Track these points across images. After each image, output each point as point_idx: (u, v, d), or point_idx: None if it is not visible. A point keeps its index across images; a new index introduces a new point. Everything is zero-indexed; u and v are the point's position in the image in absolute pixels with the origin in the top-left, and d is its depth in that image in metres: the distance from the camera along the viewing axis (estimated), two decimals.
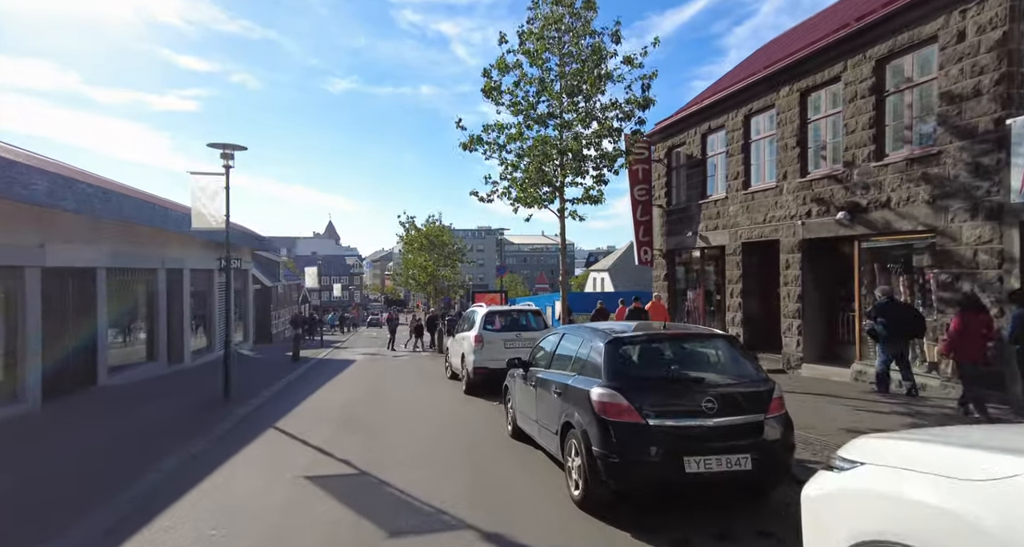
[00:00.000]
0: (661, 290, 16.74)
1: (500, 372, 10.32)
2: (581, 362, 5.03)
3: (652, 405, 4.27)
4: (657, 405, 4.28)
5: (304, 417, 8.92)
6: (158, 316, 14.60)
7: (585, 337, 5.22)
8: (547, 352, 6.12)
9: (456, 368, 12.20)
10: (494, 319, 10.97)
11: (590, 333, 5.19)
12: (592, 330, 5.28)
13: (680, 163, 15.93)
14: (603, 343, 4.72)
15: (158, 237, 14.30)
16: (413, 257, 25.62)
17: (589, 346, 5.00)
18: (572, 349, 5.43)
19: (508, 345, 10.49)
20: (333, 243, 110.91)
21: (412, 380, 13.33)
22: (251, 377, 13.75)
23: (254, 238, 22.46)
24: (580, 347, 5.20)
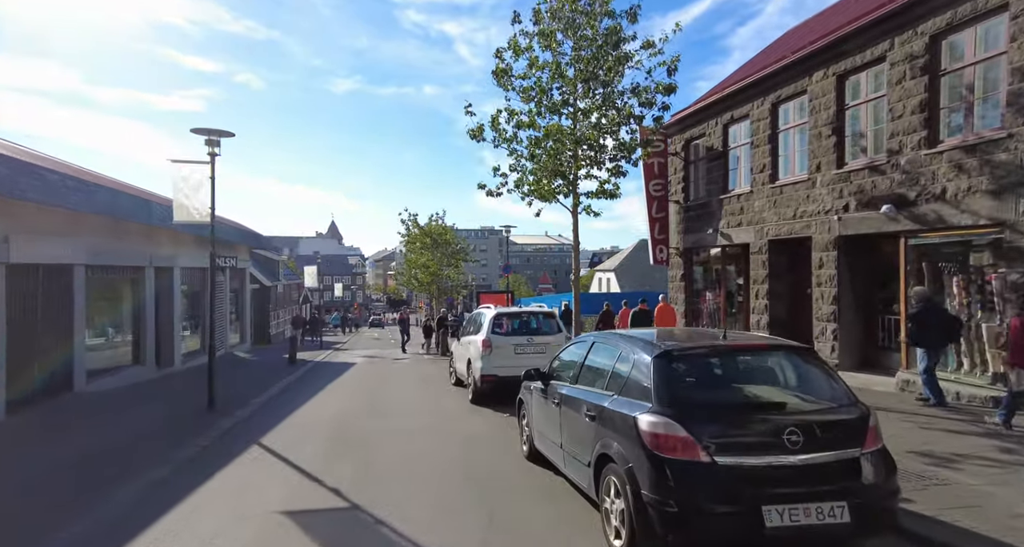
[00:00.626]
0: (677, 291, 15.77)
1: (510, 380, 9.42)
2: (620, 379, 4.08)
3: (718, 438, 3.32)
4: (725, 438, 3.33)
5: (293, 431, 7.98)
6: (145, 317, 13.69)
7: (623, 348, 4.26)
8: (572, 364, 5.17)
9: (461, 374, 11.27)
10: (503, 322, 10.03)
11: (629, 343, 4.24)
12: (630, 339, 4.32)
13: (699, 156, 14.97)
14: (651, 357, 3.77)
15: (145, 233, 13.40)
16: (415, 256, 24.67)
17: (630, 360, 4.04)
18: (606, 362, 4.48)
19: (519, 350, 9.55)
20: (336, 243, 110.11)
21: (414, 386, 12.39)
22: (243, 382, 12.84)
23: (251, 235, 21.57)
24: (618, 361, 4.24)
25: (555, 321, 10.08)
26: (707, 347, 3.95)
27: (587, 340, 5.08)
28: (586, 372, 4.78)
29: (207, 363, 17.38)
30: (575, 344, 5.42)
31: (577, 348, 5.26)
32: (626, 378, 3.98)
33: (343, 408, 9.72)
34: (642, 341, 4.14)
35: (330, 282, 68.43)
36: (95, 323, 11.95)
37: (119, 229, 12.13)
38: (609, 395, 4.07)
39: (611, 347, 4.50)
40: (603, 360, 4.57)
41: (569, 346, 5.55)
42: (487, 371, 9.42)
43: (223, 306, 20.15)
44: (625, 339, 4.39)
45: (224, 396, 10.36)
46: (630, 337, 4.39)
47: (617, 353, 4.30)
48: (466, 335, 11.13)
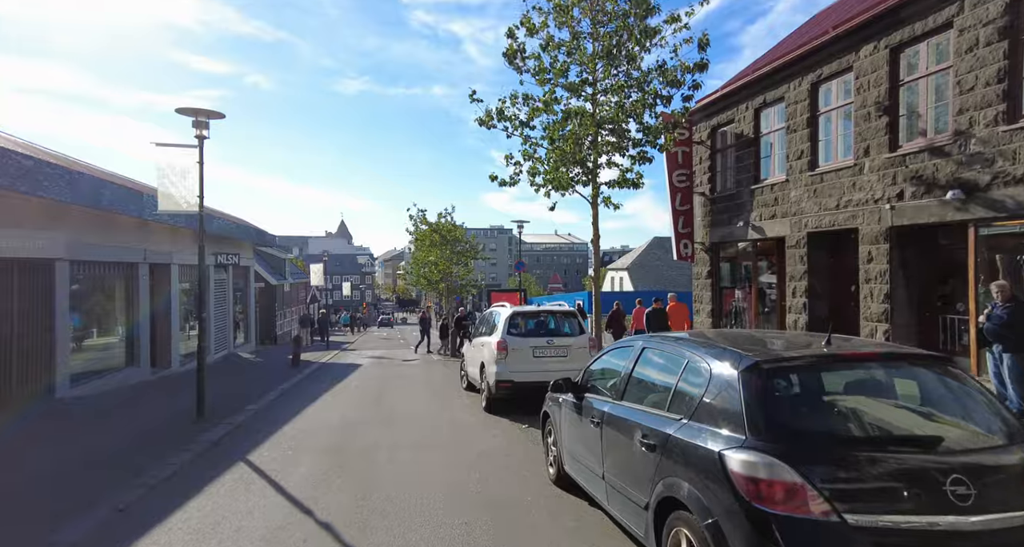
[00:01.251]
0: (703, 289, 14.73)
1: (528, 387, 8.46)
2: (689, 398, 3.11)
3: (846, 485, 2.35)
4: (855, 484, 2.36)
5: (287, 445, 7.08)
6: (139, 317, 12.87)
7: (690, 356, 3.29)
8: (614, 374, 4.21)
9: (473, 378, 10.33)
10: (520, 322, 9.07)
11: (699, 351, 3.26)
12: (700, 345, 3.35)
13: (727, 144, 13.92)
14: (737, 370, 2.80)
15: (139, 228, 12.59)
16: (423, 253, 23.77)
17: (703, 373, 3.07)
18: (666, 374, 3.52)
19: (538, 354, 8.59)
20: (345, 242, 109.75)
21: (423, 391, 11.47)
22: (240, 386, 11.99)
23: (255, 232, 20.78)
24: (684, 373, 3.27)
25: (577, 321, 9.11)
26: (813, 357, 2.94)
27: (634, 345, 4.10)
28: (636, 386, 3.81)
29: (210, 364, 16.62)
30: (617, 350, 4.45)
31: (620, 355, 4.30)
32: (699, 397, 3.01)
33: (344, 417, 8.81)
34: (718, 348, 3.16)
35: (339, 281, 67.86)
36: (83, 323, 11.15)
37: (109, 222, 11.32)
38: (675, 419, 3.10)
39: (672, 355, 3.52)
40: (660, 372, 3.61)
41: (609, 352, 4.58)
42: (503, 376, 8.47)
43: (225, 305, 19.38)
44: (690, 345, 3.41)
45: (217, 402, 9.52)
46: (698, 342, 3.42)
47: (682, 363, 3.32)
48: (479, 336, 10.20)
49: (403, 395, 10.94)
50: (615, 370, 4.24)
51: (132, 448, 6.66)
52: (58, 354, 9.81)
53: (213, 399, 9.79)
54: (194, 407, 8.55)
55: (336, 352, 22.29)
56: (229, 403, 9.73)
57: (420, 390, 11.60)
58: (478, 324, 10.86)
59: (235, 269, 20.22)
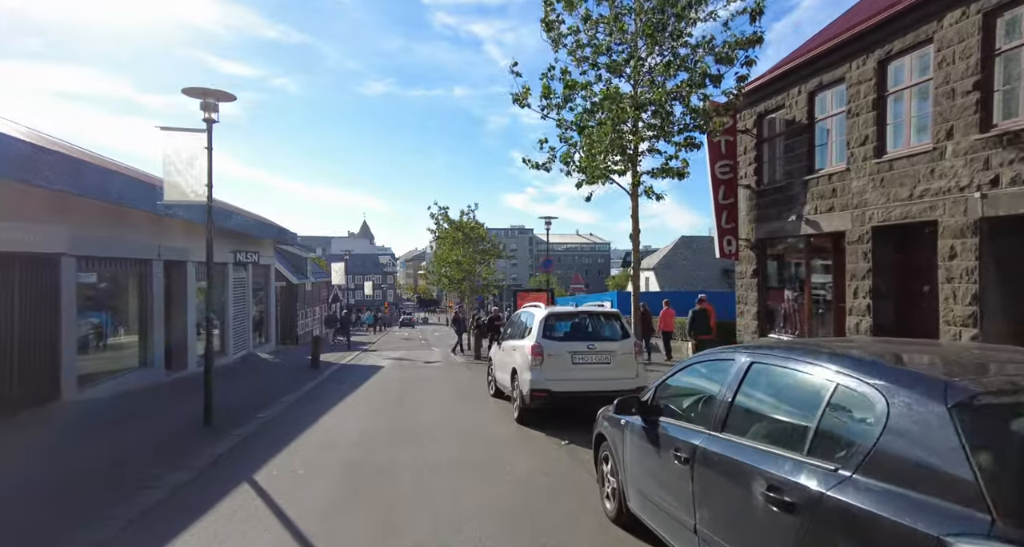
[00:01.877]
0: (748, 289, 13.60)
1: (566, 398, 7.51)
2: (844, 440, 2.16)
3: None
4: None
5: (298, 462, 6.26)
6: (152, 316, 12.28)
7: (839, 378, 2.31)
8: (704, 394, 3.26)
9: (503, 385, 9.43)
10: (558, 324, 8.13)
11: (855, 370, 2.28)
12: (850, 361, 2.38)
13: (775, 132, 12.78)
14: (945, 406, 1.82)
15: (153, 223, 11.99)
16: (446, 252, 22.99)
17: (870, 404, 2.09)
18: (793, 401, 2.56)
19: (577, 360, 7.64)
20: (367, 242, 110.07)
21: (447, 398, 10.60)
22: (255, 389, 11.28)
23: (275, 229, 20.23)
24: (831, 400, 2.29)
25: (620, 323, 8.13)
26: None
27: (735, 359, 3.11)
28: (743, 415, 2.85)
29: (227, 365, 16.01)
30: (705, 364, 3.49)
31: (712, 371, 3.33)
32: (868, 442, 2.04)
33: (363, 428, 7.98)
34: (888, 367, 2.19)
35: (360, 281, 67.71)
36: (93, 322, 10.56)
37: (120, 217, 10.71)
38: (828, 469, 2.13)
39: (804, 375, 2.54)
40: (785, 398, 2.65)
41: (692, 366, 3.61)
42: (538, 385, 7.54)
43: (245, 304, 18.84)
44: (836, 360, 2.43)
45: (229, 407, 8.80)
46: (849, 357, 2.43)
47: (825, 387, 2.35)
48: (509, 339, 9.28)
49: (427, 402, 10.08)
50: (704, 390, 3.29)
51: (125, 463, 5.91)
52: (64, 355, 9.20)
53: (225, 403, 9.09)
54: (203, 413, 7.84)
55: (357, 353, 21.62)
56: (241, 409, 8.99)
57: (445, 396, 10.74)
58: (507, 326, 9.96)
59: (255, 267, 19.69)
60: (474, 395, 10.75)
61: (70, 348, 9.35)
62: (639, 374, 7.73)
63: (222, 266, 16.74)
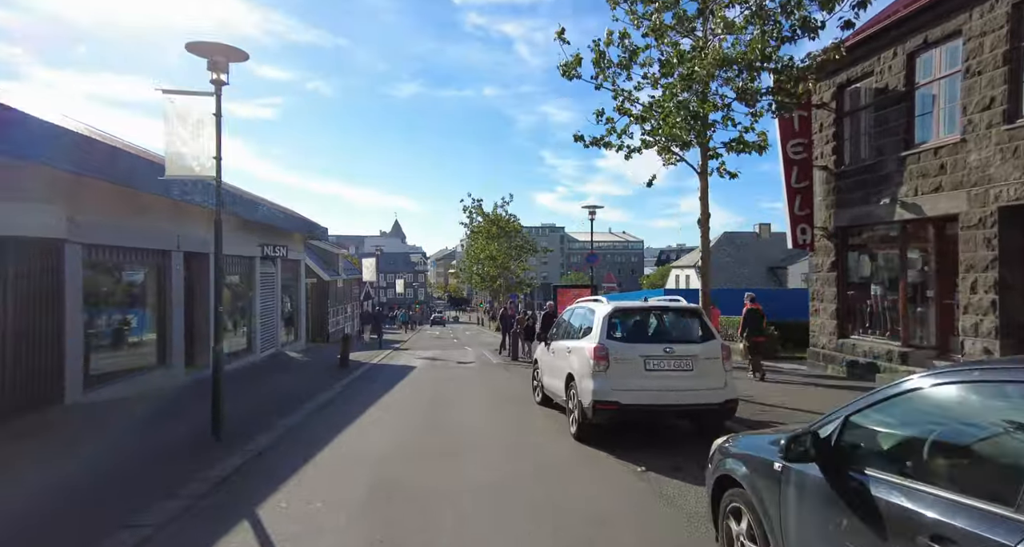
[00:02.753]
0: (824, 284, 11.92)
1: (638, 411, 6.17)
2: None
3: None
4: None
5: (315, 489, 5.06)
6: (171, 311, 11.39)
7: None
8: (955, 441, 1.86)
9: (552, 391, 8.10)
10: (625, 322, 6.76)
11: None
12: None
13: (860, 104, 11.09)
14: None
15: (172, 211, 11.08)
16: (479, 247, 21.77)
17: None
18: None
19: (652, 366, 6.24)
20: (399, 241, 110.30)
21: (488, 405, 9.33)
22: (279, 392, 10.24)
23: (304, 223, 19.38)
24: None
25: (702, 321, 6.68)
26: None
27: (1005, 389, 1.72)
28: None
29: (253, 364, 15.13)
30: (937, 389, 2.08)
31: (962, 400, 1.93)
32: None
33: (393, 441, 6.77)
34: None
35: (392, 280, 67.40)
36: (103, 317, 9.69)
37: (134, 203, 9.80)
38: None
39: None
40: None
41: (914, 392, 2.20)
42: (603, 396, 6.17)
43: (273, 300, 18.02)
44: None
45: (246, 413, 7.76)
46: None
47: None
48: (561, 340, 7.95)
49: (466, 409, 8.82)
50: (961, 435, 1.89)
51: (100, 493, 4.81)
52: (68, 353, 8.27)
53: (242, 409, 8.06)
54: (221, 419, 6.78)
55: (388, 352, 20.63)
56: (259, 415, 7.92)
57: (485, 402, 9.46)
58: (558, 324, 8.62)
59: (284, 262, 18.87)
60: (518, 401, 9.45)
61: (75, 346, 8.43)
62: (727, 383, 6.30)
63: (249, 260, 15.91)
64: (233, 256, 14.75)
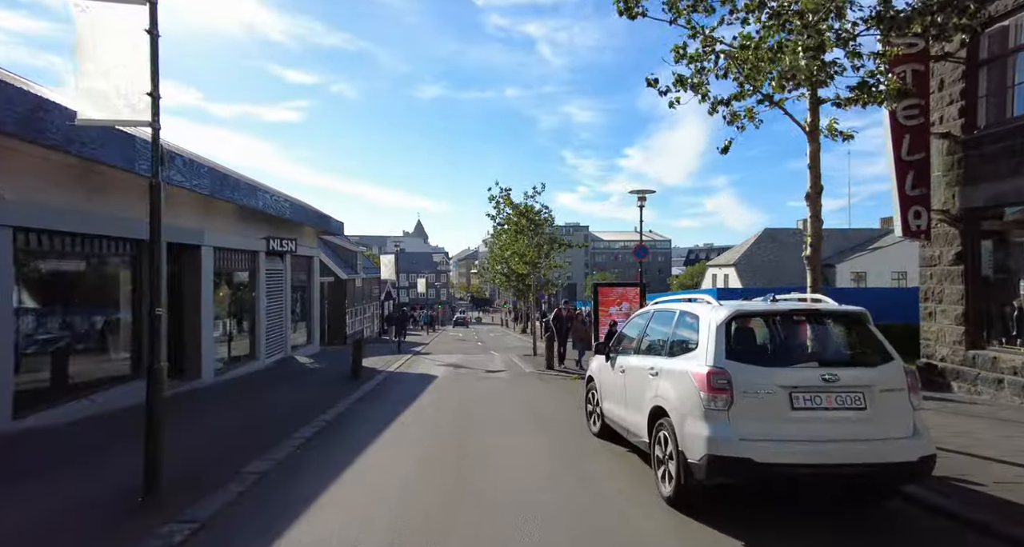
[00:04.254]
0: (944, 280, 9.44)
1: (785, 475, 3.90)
2: None
3: None
4: None
5: None
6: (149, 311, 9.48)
7: None
8: None
9: (624, 427, 5.87)
10: (755, 333, 4.51)
11: None
12: None
13: (1001, 51, 8.60)
14: None
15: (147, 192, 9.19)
16: (508, 241, 19.58)
17: None
18: None
19: (804, 403, 3.96)
20: (421, 241, 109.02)
21: (528, 436, 7.12)
22: (263, 415, 8.21)
23: (316, 215, 17.49)
24: None
25: (866, 329, 4.36)
26: None
27: None
28: None
29: (256, 372, 13.22)
30: None
31: None
32: None
33: (405, 500, 4.62)
34: None
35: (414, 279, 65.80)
36: (55, 320, 7.79)
37: (91, 180, 7.90)
38: None
39: None
40: None
41: None
42: (726, 449, 3.92)
43: (281, 300, 16.15)
44: None
45: (214, 447, 5.79)
46: None
47: None
48: (636, 354, 5.72)
49: (501, 444, 6.63)
50: None
51: None
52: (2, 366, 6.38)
53: (214, 438, 6.09)
54: (176, 458, 4.77)
55: (408, 357, 18.60)
56: (230, 450, 5.89)
57: (525, 433, 7.27)
58: (627, 331, 6.38)
59: (294, 259, 17.01)
60: (566, 430, 7.24)
61: (5, 357, 6.52)
62: (918, 429, 4.00)
63: (251, 254, 14.04)
64: (232, 250, 12.88)
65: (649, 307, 6.10)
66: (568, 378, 12.82)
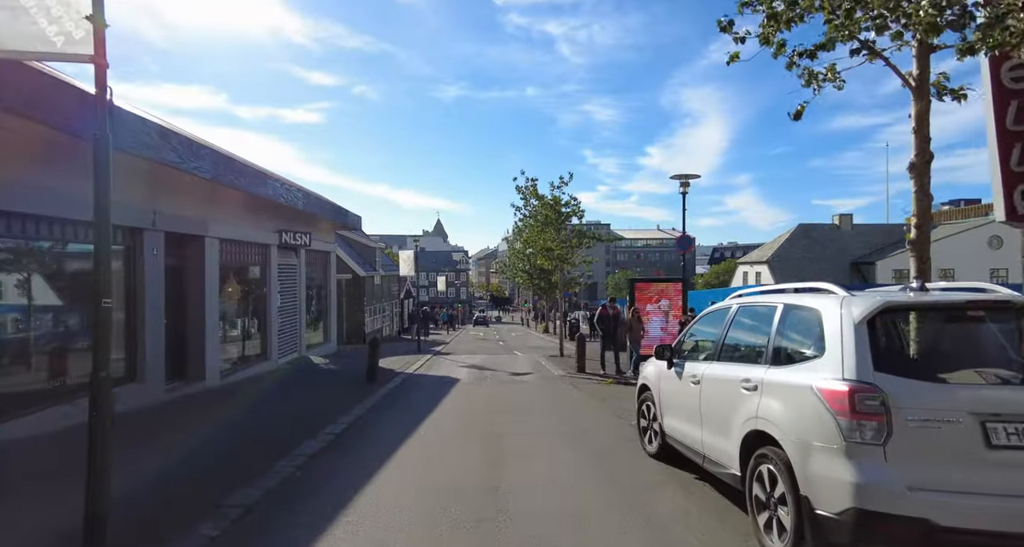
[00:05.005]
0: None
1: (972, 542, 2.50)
2: None
3: None
4: None
5: None
6: (145, 307, 8.56)
7: None
8: None
9: (690, 443, 4.67)
10: (909, 333, 3.25)
11: None
12: None
13: None
14: None
15: (145, 174, 8.26)
16: (534, 235, 18.40)
17: None
18: None
19: (1003, 439, 2.69)
20: (441, 240, 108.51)
21: (570, 462, 5.91)
22: (264, 426, 7.16)
23: (332, 208, 16.52)
24: None
25: None
26: None
27: None
28: None
29: (268, 373, 12.29)
30: None
31: None
32: None
33: None
34: None
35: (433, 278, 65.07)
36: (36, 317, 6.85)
37: (70, 160, 6.94)
38: None
39: None
40: None
41: None
42: (885, 502, 2.68)
43: (295, 297, 15.23)
44: None
45: (191, 471, 4.70)
46: None
47: None
48: (710, 360, 4.49)
49: (538, 472, 5.43)
50: None
51: None
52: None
53: (193, 461, 5.01)
54: (145, 484, 3.72)
55: (428, 357, 17.54)
56: (213, 475, 4.81)
57: (566, 456, 6.06)
58: (698, 331, 5.15)
59: (309, 253, 16.10)
60: (615, 450, 6.03)
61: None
62: None
63: (263, 247, 13.12)
64: (241, 242, 11.94)
65: (728, 302, 4.86)
66: (603, 383, 11.59)
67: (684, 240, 12.77)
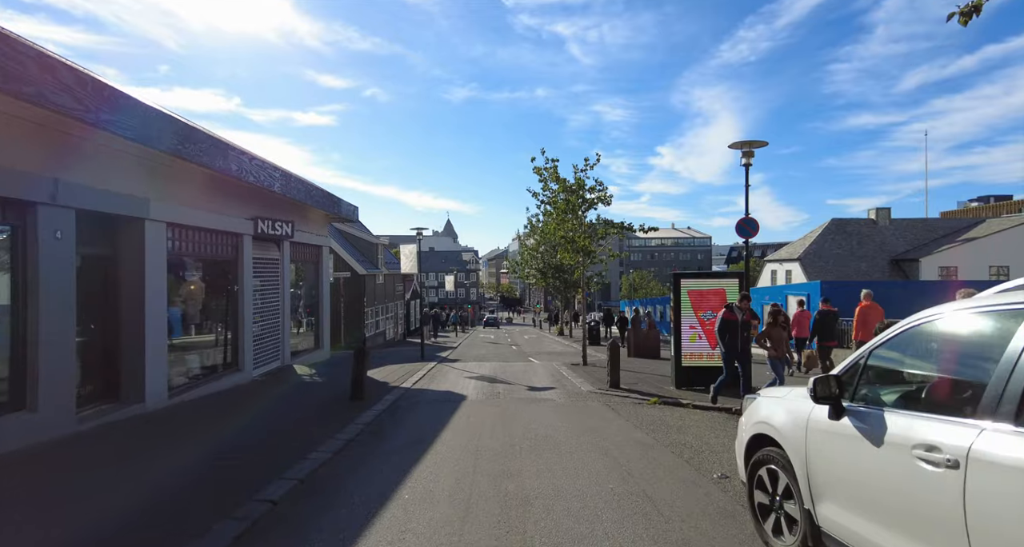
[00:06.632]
0: None
1: None
2: None
3: None
4: None
5: None
6: (37, 311, 6.30)
7: None
8: None
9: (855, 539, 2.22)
10: None
11: None
12: None
13: None
14: None
15: (39, 130, 6.03)
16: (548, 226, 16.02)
17: None
18: None
19: None
20: (451, 240, 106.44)
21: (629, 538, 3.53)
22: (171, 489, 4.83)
23: (322, 195, 14.28)
24: None
25: None
26: None
27: None
28: None
29: (236, 388, 9.98)
30: None
31: None
32: None
33: None
34: None
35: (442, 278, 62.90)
36: None
37: None
38: None
39: None
40: None
41: None
42: None
43: (277, 296, 13.00)
44: None
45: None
46: None
47: None
48: (996, 418, 2.07)
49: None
50: None
51: None
52: None
53: None
54: None
55: (432, 365, 15.23)
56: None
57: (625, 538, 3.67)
58: (910, 359, 2.79)
59: (295, 247, 13.88)
60: (702, 530, 3.65)
61: None
62: None
63: (233, 238, 10.88)
64: (199, 228, 9.68)
65: (998, 307, 2.45)
66: (644, 403, 9.20)
67: (747, 224, 10.18)
